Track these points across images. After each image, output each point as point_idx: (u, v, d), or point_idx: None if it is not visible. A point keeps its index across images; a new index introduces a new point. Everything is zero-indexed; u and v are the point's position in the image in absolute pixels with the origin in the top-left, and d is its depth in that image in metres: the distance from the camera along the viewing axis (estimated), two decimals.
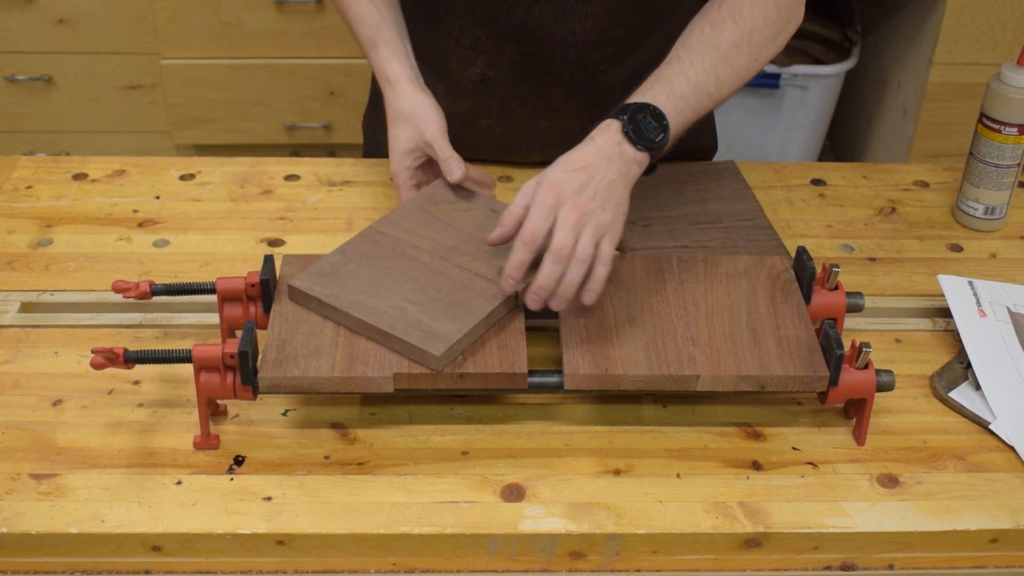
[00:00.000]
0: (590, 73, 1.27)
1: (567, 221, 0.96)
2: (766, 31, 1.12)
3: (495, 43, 1.25)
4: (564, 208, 0.97)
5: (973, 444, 1.00)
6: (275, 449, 0.97)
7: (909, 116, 2.36)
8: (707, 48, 1.08)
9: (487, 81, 1.28)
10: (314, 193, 1.32)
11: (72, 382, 1.04)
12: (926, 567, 0.94)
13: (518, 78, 1.27)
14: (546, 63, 1.26)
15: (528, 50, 1.25)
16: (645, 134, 1.01)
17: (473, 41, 1.25)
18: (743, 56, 1.10)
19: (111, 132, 2.59)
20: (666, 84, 1.06)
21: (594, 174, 0.99)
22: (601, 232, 0.97)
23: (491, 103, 1.30)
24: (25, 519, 0.90)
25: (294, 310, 1.01)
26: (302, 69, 2.49)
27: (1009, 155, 1.25)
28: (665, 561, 0.92)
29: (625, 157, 1.01)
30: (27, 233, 1.24)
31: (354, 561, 0.91)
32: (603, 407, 1.03)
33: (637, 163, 1.02)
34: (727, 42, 1.09)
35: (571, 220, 0.96)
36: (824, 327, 0.99)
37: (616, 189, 0.99)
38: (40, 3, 2.41)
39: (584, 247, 0.96)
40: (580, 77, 1.27)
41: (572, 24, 1.22)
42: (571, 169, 0.99)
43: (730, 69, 1.10)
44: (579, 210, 0.97)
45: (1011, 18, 2.20)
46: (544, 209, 0.97)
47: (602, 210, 0.98)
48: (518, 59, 1.26)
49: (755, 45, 1.11)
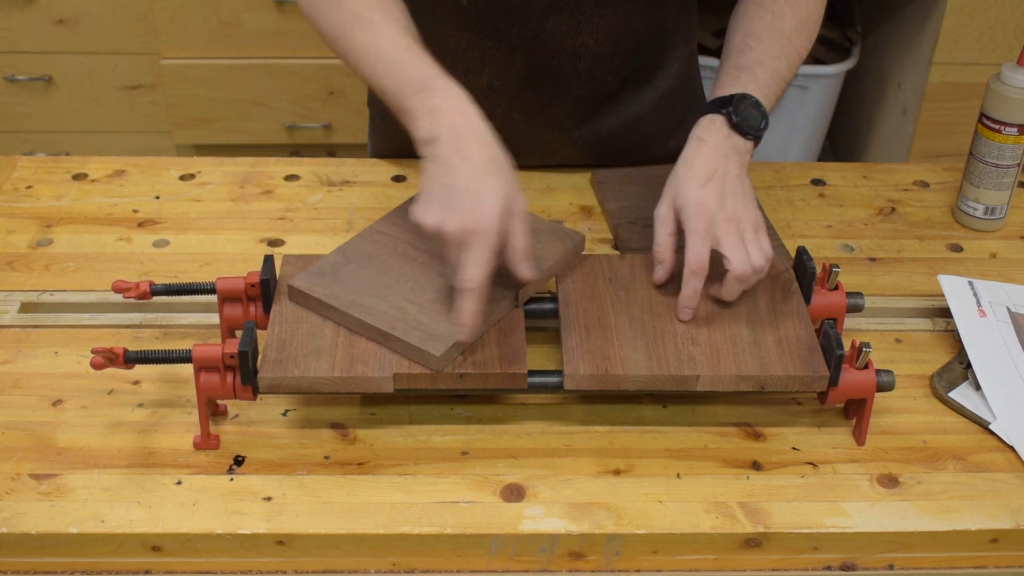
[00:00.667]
0: (596, 84, 1.27)
1: (729, 238, 1.01)
2: (817, 14, 1.18)
3: (505, 55, 1.24)
4: (718, 225, 1.01)
5: (973, 444, 1.00)
6: (275, 449, 0.97)
7: (909, 116, 2.36)
8: (773, 35, 1.14)
9: (493, 90, 1.27)
10: (314, 193, 1.32)
11: (72, 382, 1.04)
12: (926, 567, 0.94)
13: (525, 89, 1.27)
14: (555, 75, 1.26)
15: (538, 62, 1.24)
16: (751, 123, 1.07)
17: (481, 53, 1.24)
18: (803, 39, 1.16)
19: (111, 132, 2.59)
20: (750, 74, 1.11)
21: (724, 177, 1.04)
22: (755, 229, 1.03)
23: (495, 111, 1.29)
24: (25, 519, 0.90)
25: (294, 310, 1.01)
26: (302, 69, 2.50)
27: (1009, 155, 1.25)
28: (665, 561, 0.92)
29: (737, 149, 1.07)
30: (27, 233, 1.24)
31: (354, 561, 0.91)
32: (603, 407, 1.03)
33: (748, 151, 1.08)
34: (789, 28, 1.14)
35: (733, 237, 1.01)
36: (824, 327, 0.99)
37: (743, 181, 1.05)
38: (40, 3, 2.41)
39: (757, 260, 1.01)
40: (587, 88, 1.27)
41: (585, 37, 1.22)
42: (702, 182, 1.03)
43: (794, 52, 1.15)
44: (732, 223, 1.02)
45: (1011, 18, 2.21)
46: (701, 235, 1.01)
47: (745, 209, 1.03)
48: (527, 71, 1.25)
49: (811, 28, 1.17)
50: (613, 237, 1.26)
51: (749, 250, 1.01)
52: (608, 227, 1.28)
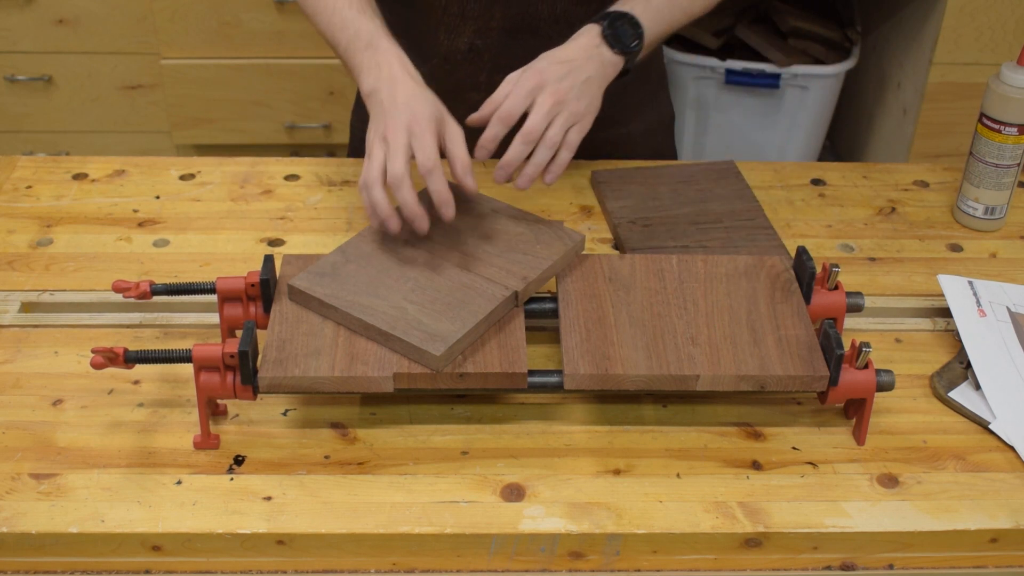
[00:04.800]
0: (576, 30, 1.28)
1: (543, 106, 1.06)
2: None
3: (483, 7, 1.27)
4: (543, 93, 1.06)
5: (973, 444, 1.00)
6: (275, 449, 0.97)
7: (909, 116, 2.36)
8: None
9: (475, 51, 1.30)
10: (314, 193, 1.32)
11: (72, 382, 1.04)
12: (926, 567, 0.94)
13: (506, 44, 1.29)
14: (533, 24, 1.28)
15: (516, 11, 1.27)
16: (622, 39, 1.11)
17: (460, 8, 1.27)
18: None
19: (111, 132, 2.59)
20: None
21: (574, 68, 1.08)
22: (573, 120, 1.06)
23: (479, 75, 1.31)
24: (25, 519, 0.90)
25: (294, 310, 1.01)
26: (302, 69, 2.50)
27: (1009, 155, 1.25)
28: (665, 561, 0.92)
29: (603, 58, 1.11)
30: (27, 233, 1.24)
31: (354, 561, 0.91)
32: (603, 407, 1.03)
33: (613, 65, 1.12)
34: None
35: (547, 105, 1.05)
36: (824, 327, 0.99)
37: (592, 85, 1.09)
38: (40, 3, 2.41)
39: (553, 133, 1.05)
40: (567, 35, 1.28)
41: None
42: (554, 61, 1.09)
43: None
44: (556, 97, 1.06)
45: (1011, 18, 2.21)
46: (524, 91, 1.06)
47: (577, 100, 1.07)
48: (506, 23, 1.28)
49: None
50: (613, 237, 1.26)
51: (553, 123, 1.05)
52: (608, 227, 1.28)
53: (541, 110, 1.06)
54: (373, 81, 1.09)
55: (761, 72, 2.37)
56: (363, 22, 1.13)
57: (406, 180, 1.01)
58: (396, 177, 1.01)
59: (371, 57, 1.10)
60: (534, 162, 1.07)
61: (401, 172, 1.01)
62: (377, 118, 1.07)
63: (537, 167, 1.07)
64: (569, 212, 1.30)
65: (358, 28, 1.13)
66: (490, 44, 1.29)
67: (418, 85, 1.08)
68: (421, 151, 1.02)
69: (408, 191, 1.01)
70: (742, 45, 2.41)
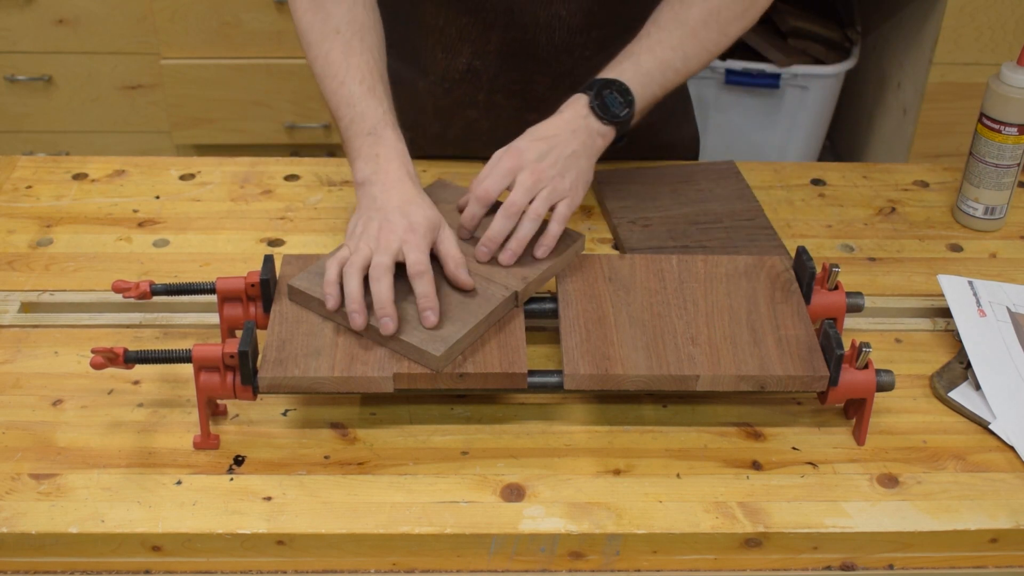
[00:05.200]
0: (575, 59, 1.28)
1: (523, 184, 1.02)
2: (735, 7, 1.15)
3: (481, 31, 1.25)
4: (523, 173, 1.03)
5: (973, 444, 1.00)
6: (275, 449, 0.97)
7: (909, 116, 2.36)
8: (675, 24, 1.13)
9: (473, 71, 1.28)
10: (314, 193, 1.32)
11: (72, 382, 1.04)
12: (926, 567, 0.94)
13: (504, 67, 1.28)
14: (531, 49, 1.26)
15: (514, 35, 1.25)
16: (611, 109, 1.07)
17: (459, 30, 1.26)
18: (711, 32, 1.14)
19: (111, 132, 2.59)
20: (633, 60, 1.11)
21: (556, 144, 1.05)
22: (558, 196, 1.03)
23: (477, 95, 1.31)
24: (25, 519, 0.90)
25: (294, 310, 1.01)
26: (302, 69, 2.49)
27: (1009, 155, 1.25)
28: (665, 561, 0.92)
29: (590, 130, 1.07)
30: (27, 233, 1.24)
31: (354, 561, 0.91)
32: (603, 407, 1.03)
33: (602, 136, 1.08)
34: (695, 19, 1.13)
35: (527, 183, 1.02)
36: (824, 327, 0.99)
37: (578, 159, 1.05)
38: (40, 3, 2.41)
39: (537, 206, 1.02)
40: (565, 63, 1.28)
41: (557, 7, 1.23)
42: (535, 139, 1.05)
43: (698, 45, 1.14)
44: (536, 175, 1.02)
45: (1011, 18, 2.21)
46: (503, 170, 1.03)
47: (560, 177, 1.03)
48: (504, 47, 1.26)
49: (723, 21, 1.15)
50: (613, 237, 1.26)
51: (537, 198, 1.02)
52: (608, 227, 1.28)
53: (522, 188, 1.03)
54: (369, 172, 1.04)
55: (761, 72, 2.37)
56: (370, 104, 1.07)
57: (389, 275, 0.97)
58: (379, 268, 0.97)
59: (371, 146, 1.05)
60: (517, 236, 1.02)
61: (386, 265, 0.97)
62: (368, 214, 1.02)
63: (521, 241, 1.02)
64: None
65: (363, 110, 1.07)
66: (488, 66, 1.28)
67: (415, 188, 1.03)
68: (412, 253, 0.98)
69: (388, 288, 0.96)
70: (742, 45, 2.41)
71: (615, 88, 1.08)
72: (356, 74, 1.09)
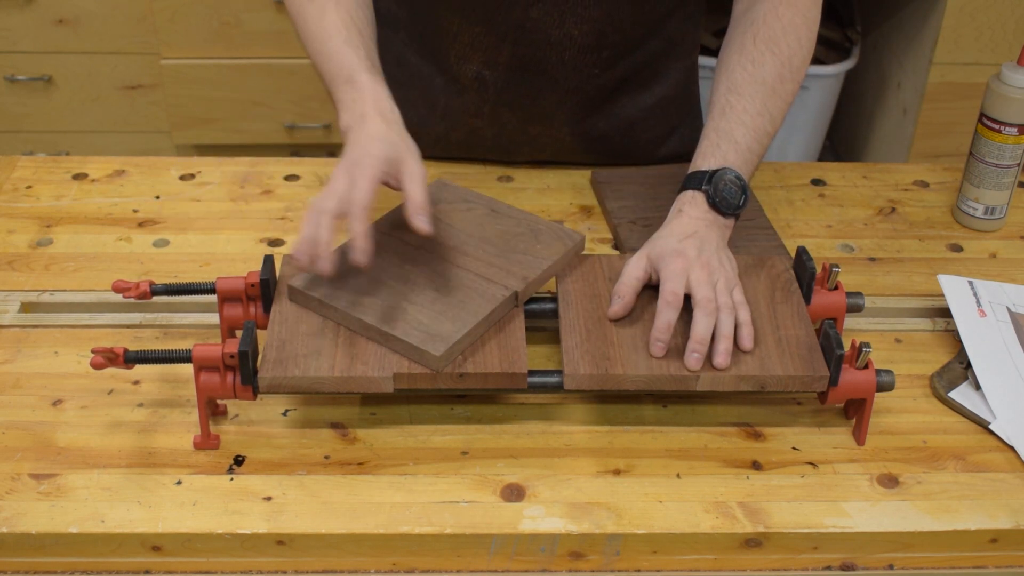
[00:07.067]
0: (583, 77, 1.28)
1: (701, 279, 1.00)
2: (803, 51, 1.13)
3: (492, 42, 1.25)
4: (694, 270, 1.01)
5: (973, 444, 1.00)
6: (275, 449, 0.97)
7: (909, 116, 2.36)
8: (755, 88, 1.10)
9: (482, 80, 1.28)
10: (314, 193, 1.32)
11: (72, 382, 1.04)
12: (926, 567, 0.94)
13: (512, 80, 1.28)
14: (541, 65, 1.26)
15: (524, 51, 1.25)
16: (729, 200, 1.06)
17: (471, 39, 1.25)
18: (788, 84, 1.12)
19: (111, 132, 2.59)
20: (730, 139, 1.09)
21: (704, 239, 1.04)
22: (731, 285, 1.02)
23: (483, 105, 1.30)
24: (25, 519, 0.90)
25: (294, 310, 1.01)
26: (302, 69, 2.49)
27: (1009, 155, 1.25)
28: (665, 561, 0.92)
29: (718, 223, 1.06)
30: (27, 233, 1.24)
31: (354, 561, 0.91)
32: (603, 407, 1.03)
33: (728, 227, 1.07)
34: (771, 75, 1.11)
35: (704, 277, 1.00)
36: (824, 327, 0.99)
37: (724, 250, 1.05)
38: (40, 3, 2.41)
39: (725, 299, 1.00)
40: (573, 81, 1.28)
41: (569, 27, 1.22)
42: (682, 238, 1.03)
43: (779, 101, 1.12)
44: (707, 269, 1.01)
45: (1011, 18, 2.21)
46: (676, 272, 1.00)
47: (722, 267, 1.02)
48: (514, 60, 1.26)
49: (795, 69, 1.13)
50: (613, 237, 1.26)
51: (718, 291, 1.00)
52: (608, 227, 1.28)
53: (702, 284, 1.00)
54: (348, 118, 1.03)
55: None
56: (346, 55, 1.07)
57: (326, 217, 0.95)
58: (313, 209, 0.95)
59: (348, 93, 1.05)
60: (724, 334, 0.98)
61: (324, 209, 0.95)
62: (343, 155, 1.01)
63: (729, 338, 0.98)
64: (569, 212, 1.30)
65: (340, 61, 1.07)
66: (497, 77, 1.28)
67: (385, 123, 1.01)
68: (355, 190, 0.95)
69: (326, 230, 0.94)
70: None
71: (728, 178, 1.06)
72: (331, 30, 1.09)
